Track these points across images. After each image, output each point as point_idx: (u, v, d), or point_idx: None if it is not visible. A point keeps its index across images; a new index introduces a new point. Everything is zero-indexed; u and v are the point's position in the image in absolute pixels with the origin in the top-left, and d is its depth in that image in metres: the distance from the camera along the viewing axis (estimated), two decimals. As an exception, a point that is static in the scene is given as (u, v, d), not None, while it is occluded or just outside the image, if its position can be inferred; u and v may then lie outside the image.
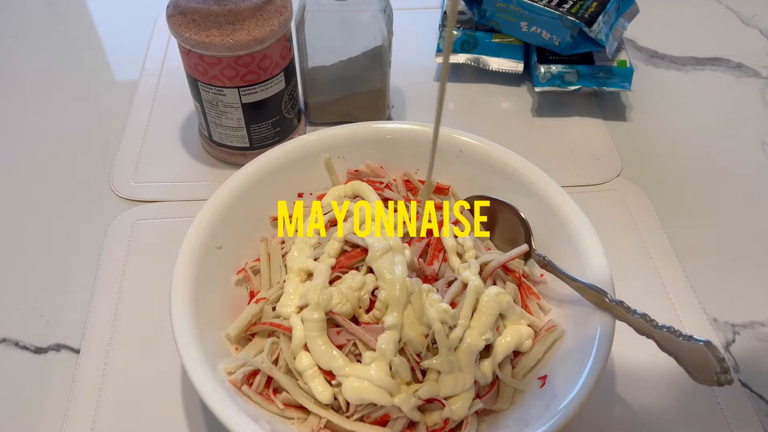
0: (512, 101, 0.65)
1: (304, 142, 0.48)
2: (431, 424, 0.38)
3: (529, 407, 0.38)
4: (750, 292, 0.50)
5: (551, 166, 0.58)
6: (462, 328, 0.39)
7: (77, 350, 0.46)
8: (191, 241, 0.41)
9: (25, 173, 0.58)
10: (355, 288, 0.39)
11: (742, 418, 0.43)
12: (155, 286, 0.48)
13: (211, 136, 0.56)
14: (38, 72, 0.68)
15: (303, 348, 0.38)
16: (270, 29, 0.49)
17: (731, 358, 0.46)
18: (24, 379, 0.44)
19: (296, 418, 0.38)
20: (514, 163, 0.47)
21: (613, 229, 0.54)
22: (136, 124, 0.62)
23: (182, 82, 0.55)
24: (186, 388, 0.44)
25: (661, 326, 0.36)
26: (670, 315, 0.48)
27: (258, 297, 0.42)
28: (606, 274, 0.40)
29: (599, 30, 0.60)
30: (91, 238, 0.52)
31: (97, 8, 0.77)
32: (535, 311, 0.43)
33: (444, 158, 0.49)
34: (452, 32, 0.36)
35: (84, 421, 0.42)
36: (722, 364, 0.33)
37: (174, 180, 0.57)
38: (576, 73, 0.61)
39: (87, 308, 0.48)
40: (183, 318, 0.38)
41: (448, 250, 0.43)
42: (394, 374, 0.38)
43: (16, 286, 0.49)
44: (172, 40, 0.71)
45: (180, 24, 0.48)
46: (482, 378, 0.39)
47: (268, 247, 0.46)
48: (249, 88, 0.51)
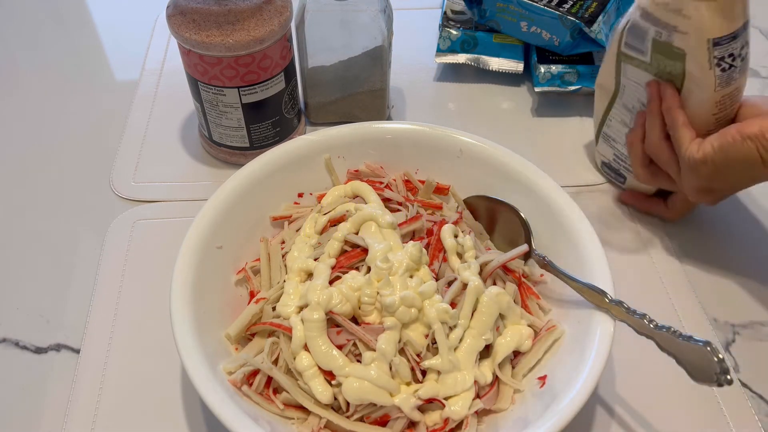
0: (512, 101, 0.65)
1: (304, 142, 0.48)
2: (431, 424, 0.38)
3: (529, 407, 0.38)
4: (750, 292, 0.50)
5: (551, 166, 0.57)
6: (462, 328, 0.39)
7: (77, 350, 0.46)
8: (191, 241, 0.41)
9: (25, 173, 0.58)
10: (355, 288, 0.39)
11: (742, 418, 0.43)
12: (155, 286, 0.48)
13: (211, 136, 0.56)
14: (38, 72, 0.68)
15: (303, 348, 0.38)
16: (270, 29, 0.49)
17: (731, 358, 0.46)
18: (24, 379, 0.44)
19: (296, 418, 0.38)
20: (514, 163, 0.47)
21: (612, 229, 0.54)
22: (136, 124, 0.62)
23: (182, 82, 0.55)
24: (186, 388, 0.44)
25: (661, 326, 0.36)
26: (670, 315, 0.48)
27: (258, 297, 0.42)
28: (606, 274, 0.40)
29: (599, 30, 0.60)
30: (91, 238, 0.52)
31: (97, 8, 0.77)
32: (535, 311, 0.43)
33: (444, 158, 0.49)
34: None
35: (84, 421, 0.42)
36: (722, 365, 0.33)
37: (174, 180, 0.57)
38: (576, 73, 0.61)
39: (87, 308, 0.48)
40: (183, 318, 0.38)
41: (448, 250, 0.43)
42: (394, 374, 0.38)
43: (16, 286, 0.49)
44: (172, 40, 0.71)
45: (180, 24, 0.48)
46: (482, 378, 0.39)
47: (268, 247, 0.46)
48: (249, 88, 0.51)
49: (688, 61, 0.44)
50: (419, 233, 0.45)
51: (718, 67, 0.43)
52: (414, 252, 0.41)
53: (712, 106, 0.45)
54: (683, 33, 0.43)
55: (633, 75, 0.49)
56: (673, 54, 0.44)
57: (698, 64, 0.43)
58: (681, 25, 0.43)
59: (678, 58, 0.44)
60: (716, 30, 0.42)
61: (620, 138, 0.53)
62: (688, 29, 0.43)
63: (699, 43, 0.42)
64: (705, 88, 0.44)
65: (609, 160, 0.56)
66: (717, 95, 0.44)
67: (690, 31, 0.43)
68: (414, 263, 0.40)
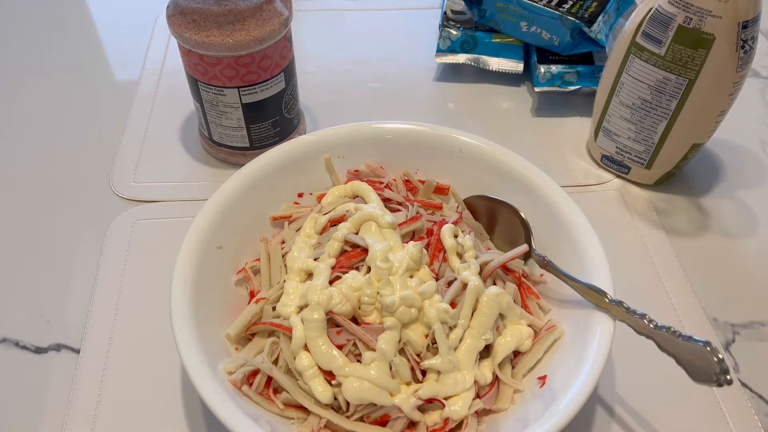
0: (512, 101, 0.65)
1: (304, 142, 0.48)
2: (431, 424, 0.38)
3: (529, 407, 0.38)
4: (750, 292, 0.50)
5: (551, 166, 0.58)
6: (462, 328, 0.39)
7: (77, 350, 0.46)
8: (191, 241, 0.41)
9: (25, 173, 0.58)
10: (355, 288, 0.39)
11: (742, 418, 0.43)
12: (155, 286, 0.48)
13: (211, 136, 0.56)
14: (38, 72, 0.68)
15: (303, 348, 0.38)
16: (270, 29, 0.49)
17: (731, 358, 0.46)
18: (24, 379, 0.44)
19: (296, 418, 0.39)
20: (514, 163, 0.47)
21: (612, 229, 0.54)
22: (136, 124, 0.62)
23: (182, 82, 0.55)
24: (186, 388, 0.44)
25: (661, 326, 0.36)
26: (670, 315, 0.48)
27: (258, 297, 0.42)
28: (606, 274, 0.40)
29: (599, 30, 0.60)
30: (91, 238, 0.52)
31: (97, 8, 0.77)
32: (535, 311, 0.43)
33: (444, 158, 0.49)
34: None
35: (84, 421, 0.42)
36: (722, 365, 0.33)
37: (174, 180, 0.57)
38: (576, 73, 0.61)
39: (87, 308, 0.48)
40: (183, 318, 0.38)
41: (448, 250, 0.43)
42: (394, 374, 0.38)
43: (16, 286, 0.49)
44: (172, 40, 0.71)
45: (180, 24, 0.48)
46: (482, 378, 0.39)
47: (268, 247, 0.46)
48: (249, 88, 0.51)
49: (715, 46, 0.46)
50: (419, 233, 0.45)
51: (742, 49, 0.46)
52: (414, 252, 0.41)
53: (730, 87, 0.49)
54: (717, 17, 0.45)
55: (637, 71, 0.50)
56: (699, 41, 0.46)
57: (727, 47, 0.46)
58: (716, 9, 0.45)
59: (704, 45, 0.46)
60: (748, 13, 0.45)
61: (622, 132, 0.54)
62: (723, 13, 0.45)
63: (731, 27, 0.45)
64: (727, 69, 0.47)
65: (611, 154, 0.57)
66: (736, 76, 0.48)
67: (724, 14, 0.45)
68: (414, 263, 0.40)
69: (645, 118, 0.52)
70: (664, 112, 0.51)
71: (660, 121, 0.51)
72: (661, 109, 0.51)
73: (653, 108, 0.51)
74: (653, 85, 0.50)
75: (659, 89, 0.50)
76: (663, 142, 0.53)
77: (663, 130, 0.52)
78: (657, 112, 0.51)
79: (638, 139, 0.54)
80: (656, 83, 0.50)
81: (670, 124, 0.51)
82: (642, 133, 0.53)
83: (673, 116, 0.51)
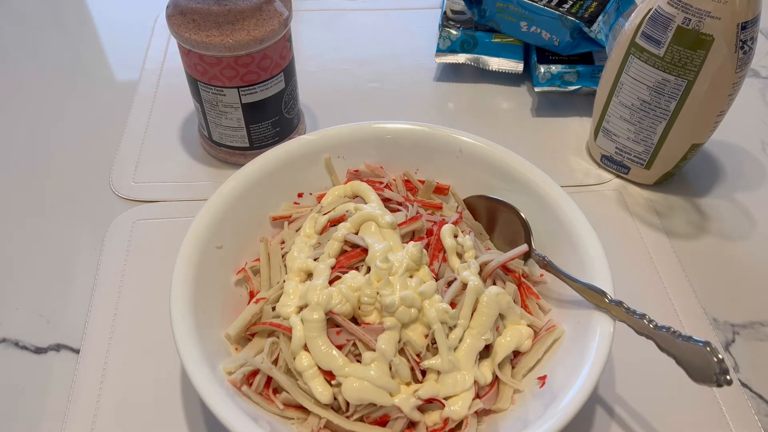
0: (512, 101, 0.65)
1: (304, 142, 0.48)
2: (431, 424, 0.38)
3: (528, 407, 0.38)
4: (750, 292, 0.50)
5: (551, 166, 0.58)
6: (462, 328, 0.39)
7: (77, 350, 0.46)
8: (191, 241, 0.41)
9: (25, 173, 0.58)
10: (355, 288, 0.39)
11: (742, 418, 0.43)
12: (155, 286, 0.48)
13: (211, 136, 0.56)
14: (38, 72, 0.68)
15: (303, 348, 0.38)
16: (270, 29, 0.49)
17: (731, 358, 0.46)
18: (24, 379, 0.44)
19: (296, 418, 0.38)
20: (514, 163, 0.47)
21: (612, 229, 0.54)
22: (136, 124, 0.62)
23: (182, 82, 0.55)
24: (186, 388, 0.44)
25: (661, 327, 0.36)
26: (670, 315, 0.48)
27: (258, 297, 0.42)
28: (605, 274, 0.40)
29: (599, 30, 0.60)
30: (91, 238, 0.52)
31: (97, 8, 0.77)
32: (535, 311, 0.43)
33: (444, 158, 0.49)
34: None
35: (84, 421, 0.42)
36: (722, 365, 0.33)
37: (174, 180, 0.57)
38: (576, 73, 0.61)
39: (87, 308, 0.48)
40: (183, 318, 0.38)
41: (448, 250, 0.43)
42: (394, 374, 0.38)
43: (16, 286, 0.49)
44: (172, 40, 0.71)
45: (180, 24, 0.48)
46: (482, 378, 0.39)
47: (268, 247, 0.46)
48: (249, 88, 0.51)
49: (714, 47, 0.46)
50: (419, 233, 0.45)
51: (741, 50, 0.46)
52: (414, 252, 0.41)
53: (729, 87, 0.49)
54: (716, 18, 0.45)
55: (636, 71, 0.50)
56: (698, 42, 0.46)
57: (726, 48, 0.46)
58: (715, 10, 0.45)
59: (703, 46, 0.46)
60: (747, 14, 0.45)
61: (622, 132, 0.54)
62: (722, 14, 0.45)
63: (730, 28, 0.45)
64: (727, 70, 0.47)
65: (610, 154, 0.57)
66: (736, 77, 0.48)
67: (723, 15, 0.45)
68: (414, 263, 0.40)
69: (644, 118, 0.52)
70: (663, 112, 0.51)
71: (659, 122, 0.51)
72: (661, 110, 0.51)
73: (652, 108, 0.51)
74: (652, 86, 0.50)
75: (658, 90, 0.50)
76: (662, 143, 0.53)
77: (662, 131, 0.52)
78: (656, 113, 0.51)
79: (638, 139, 0.54)
80: (655, 84, 0.50)
81: (670, 125, 0.51)
82: (641, 134, 0.53)
83: (672, 117, 0.51)
